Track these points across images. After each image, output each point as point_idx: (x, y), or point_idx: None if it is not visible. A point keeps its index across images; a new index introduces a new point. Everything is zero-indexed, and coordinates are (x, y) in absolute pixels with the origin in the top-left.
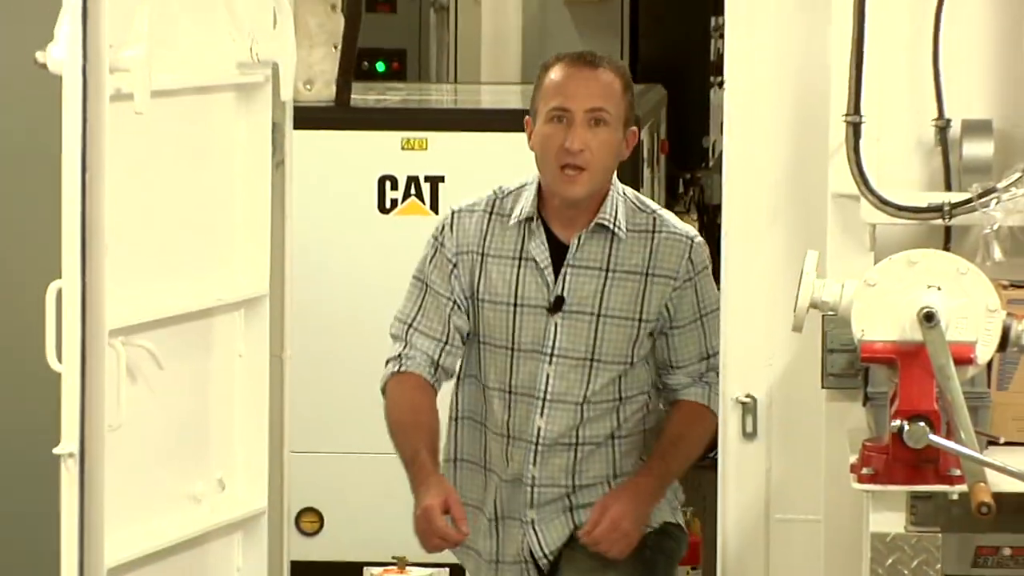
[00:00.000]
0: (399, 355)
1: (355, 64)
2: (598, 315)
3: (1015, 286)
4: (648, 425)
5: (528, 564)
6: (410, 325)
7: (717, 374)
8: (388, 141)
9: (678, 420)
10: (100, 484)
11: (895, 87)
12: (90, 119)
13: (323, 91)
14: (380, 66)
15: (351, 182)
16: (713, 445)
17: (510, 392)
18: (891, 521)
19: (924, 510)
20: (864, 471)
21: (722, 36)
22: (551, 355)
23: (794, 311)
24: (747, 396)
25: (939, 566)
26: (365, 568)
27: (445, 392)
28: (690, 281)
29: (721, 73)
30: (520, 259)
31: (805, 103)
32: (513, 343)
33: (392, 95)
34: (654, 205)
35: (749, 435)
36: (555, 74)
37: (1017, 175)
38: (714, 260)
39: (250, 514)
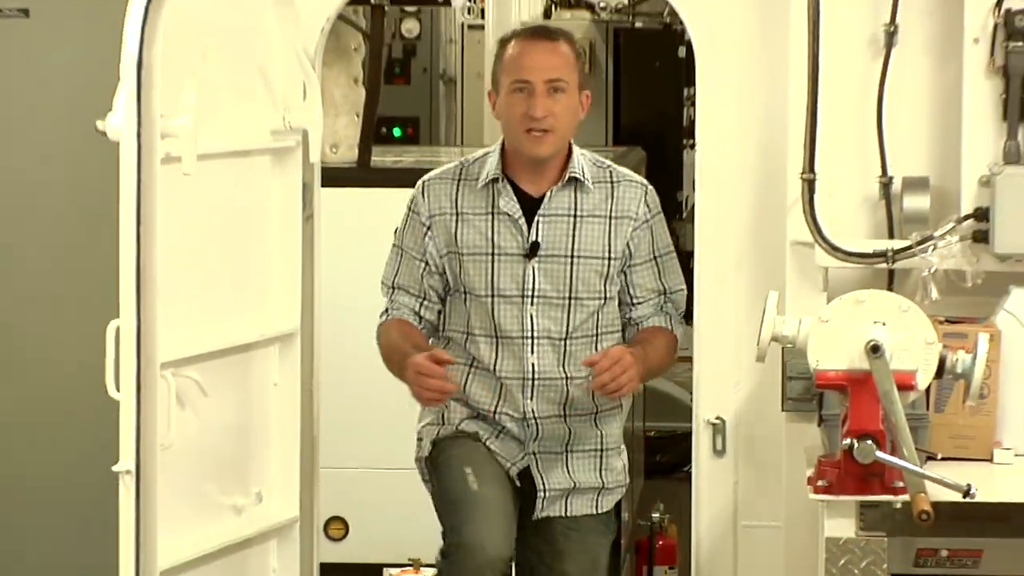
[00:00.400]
0: (386, 309)
1: (374, 130)
2: (571, 256)
3: (950, 322)
4: None
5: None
6: (391, 286)
7: (676, 308)
8: (403, 197)
9: (647, 331)
10: (153, 497)
11: (845, 148)
12: (143, 179)
13: (347, 154)
14: (396, 131)
15: (371, 233)
16: (687, 460)
17: (496, 336)
18: (843, 527)
19: (872, 517)
20: (819, 483)
21: (693, 104)
22: (532, 297)
23: (758, 344)
24: (717, 418)
25: (885, 566)
26: (385, 569)
27: None
28: (647, 223)
29: (693, 136)
30: (493, 214)
31: (766, 162)
32: (493, 290)
33: (407, 157)
34: (608, 161)
35: (719, 452)
36: (514, 49)
37: (951, 225)
38: (688, 299)
39: (284, 523)
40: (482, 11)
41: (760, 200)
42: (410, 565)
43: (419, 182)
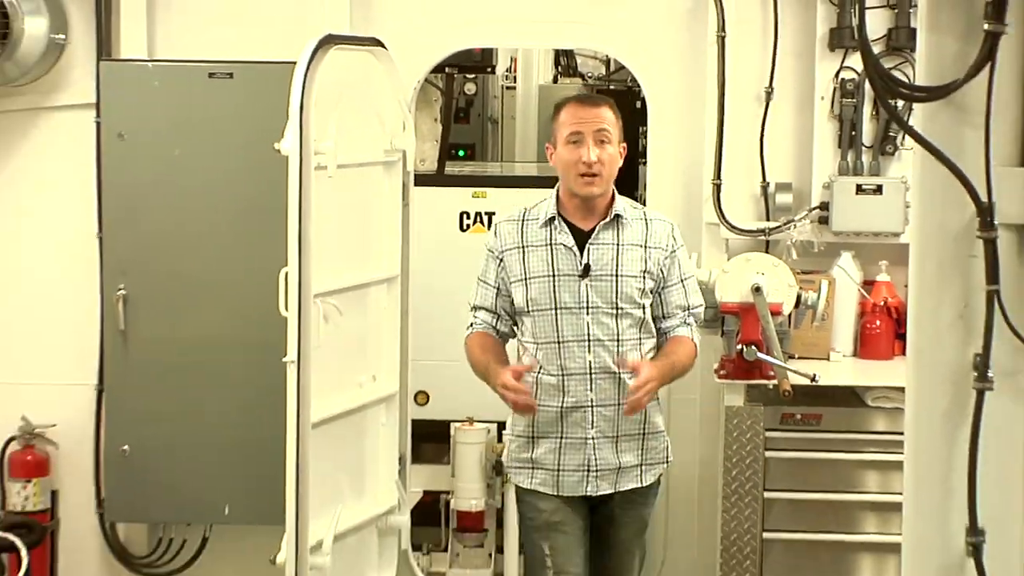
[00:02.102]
0: (471, 324)
1: (447, 151)
2: (616, 275)
3: (804, 272)
4: None
5: (588, 473)
6: (474, 307)
7: (696, 320)
8: (465, 193)
9: (674, 343)
10: (308, 377)
11: (739, 164)
12: (303, 181)
13: (430, 166)
14: (461, 152)
15: (445, 215)
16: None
17: (559, 342)
18: (736, 399)
19: (754, 394)
20: (721, 372)
21: (645, 136)
22: (587, 308)
23: None
24: None
25: (761, 424)
26: (451, 423)
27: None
28: (674, 253)
29: (645, 156)
30: (551, 245)
31: (690, 173)
32: (555, 304)
33: (466, 168)
34: (639, 204)
35: None
36: (569, 110)
37: (804, 213)
38: None
39: (389, 394)
40: (514, 78)
41: (686, 196)
42: (466, 421)
43: (493, 224)
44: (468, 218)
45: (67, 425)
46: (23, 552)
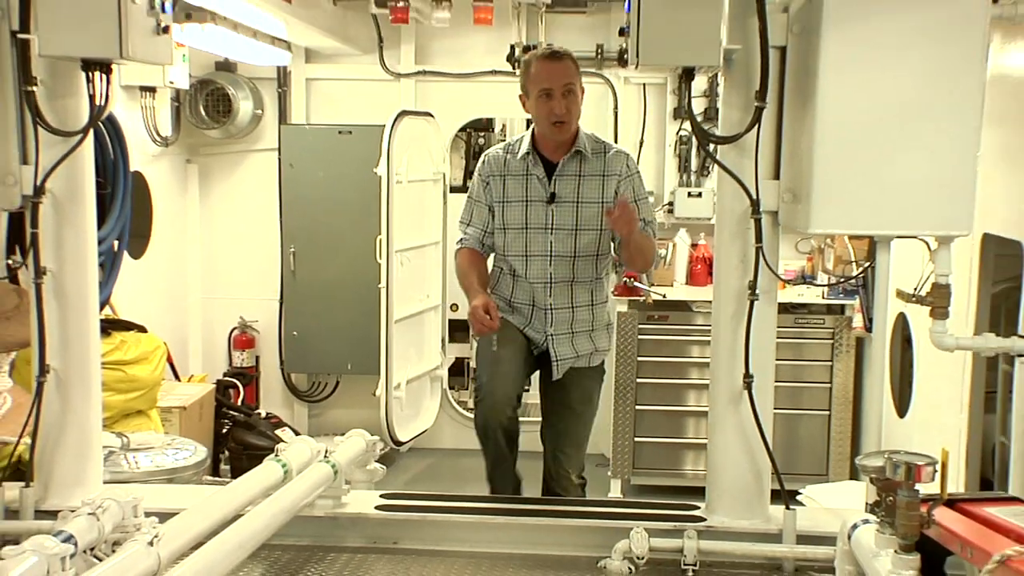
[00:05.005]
0: (461, 239)
1: (467, 175)
2: (577, 202)
3: (660, 239)
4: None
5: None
6: (467, 223)
7: (652, 231)
8: None
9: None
10: (392, 294)
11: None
12: (389, 188)
13: (458, 182)
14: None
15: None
16: None
17: (527, 255)
18: (623, 308)
19: (633, 304)
20: (615, 293)
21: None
22: (551, 228)
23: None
24: None
25: (637, 321)
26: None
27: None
28: (629, 177)
29: None
30: (527, 175)
31: None
32: (526, 224)
33: None
34: (602, 137)
35: None
36: (537, 67)
37: (660, 207)
38: None
39: (436, 304)
40: (505, 134)
41: None
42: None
43: (483, 154)
44: None
45: (264, 320)
46: (240, 388)
